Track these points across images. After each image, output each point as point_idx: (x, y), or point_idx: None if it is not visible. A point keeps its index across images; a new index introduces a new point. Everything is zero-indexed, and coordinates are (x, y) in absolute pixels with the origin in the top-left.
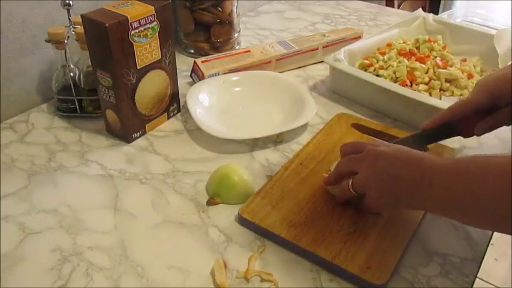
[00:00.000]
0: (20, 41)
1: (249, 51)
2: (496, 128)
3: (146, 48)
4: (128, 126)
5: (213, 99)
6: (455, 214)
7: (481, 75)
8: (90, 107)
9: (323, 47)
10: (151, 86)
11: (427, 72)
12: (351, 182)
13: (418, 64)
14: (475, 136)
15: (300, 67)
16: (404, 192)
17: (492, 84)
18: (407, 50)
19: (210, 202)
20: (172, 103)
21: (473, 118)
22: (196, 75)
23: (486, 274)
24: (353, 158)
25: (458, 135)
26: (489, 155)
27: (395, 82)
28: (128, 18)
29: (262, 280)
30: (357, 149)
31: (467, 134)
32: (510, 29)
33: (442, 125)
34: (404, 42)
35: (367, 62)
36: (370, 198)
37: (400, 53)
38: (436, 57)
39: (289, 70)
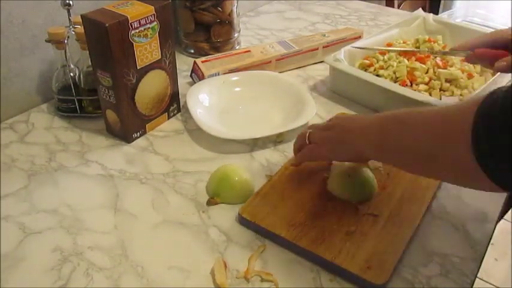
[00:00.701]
0: (20, 41)
1: (249, 51)
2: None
3: (146, 48)
4: (128, 126)
5: (213, 99)
6: (391, 159)
7: (481, 75)
8: (90, 107)
9: (323, 47)
10: (151, 86)
11: (427, 72)
12: (307, 134)
13: (418, 64)
14: None
15: (300, 67)
16: (349, 141)
17: None
18: None
19: (210, 202)
20: (172, 103)
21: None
22: (196, 75)
23: (486, 274)
24: (316, 125)
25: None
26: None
27: (395, 82)
28: (128, 18)
29: (262, 280)
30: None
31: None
32: (510, 28)
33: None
34: (404, 42)
35: (367, 62)
36: (321, 148)
37: (400, 53)
38: (436, 57)
39: (289, 70)
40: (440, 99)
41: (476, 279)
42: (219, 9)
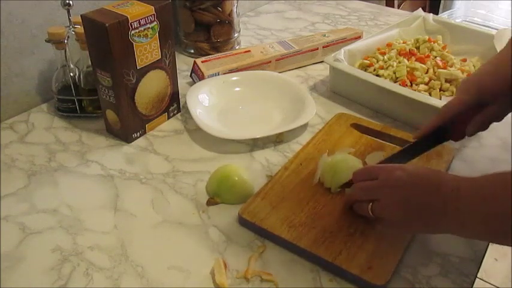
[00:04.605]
0: (20, 41)
1: (249, 51)
2: (486, 125)
3: (146, 48)
4: (128, 126)
5: (213, 99)
6: (485, 236)
7: None
8: (90, 107)
9: (323, 47)
10: (151, 86)
11: (427, 72)
12: (370, 207)
13: (418, 64)
14: (473, 136)
15: (300, 67)
16: (428, 220)
17: (477, 83)
18: (407, 50)
19: (210, 202)
20: (172, 103)
21: (461, 120)
22: (196, 75)
23: (486, 274)
24: (369, 187)
25: (449, 139)
26: (509, 171)
27: (395, 82)
28: (128, 18)
29: (262, 280)
30: (370, 175)
31: (457, 137)
32: (510, 29)
33: (434, 132)
34: (404, 42)
35: (367, 62)
36: (391, 224)
37: (400, 53)
38: (436, 57)
39: (289, 70)
40: (440, 99)
41: (476, 279)
42: (219, 9)
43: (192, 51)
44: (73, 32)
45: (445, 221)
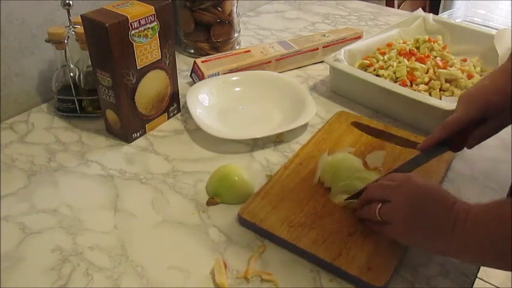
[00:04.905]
0: (20, 41)
1: (249, 51)
2: (485, 139)
3: (146, 48)
4: (128, 126)
5: (213, 99)
6: (486, 258)
7: (481, 75)
8: (90, 107)
9: (323, 47)
10: (151, 86)
11: (427, 72)
12: (378, 207)
13: (418, 64)
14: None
15: (300, 67)
16: (433, 234)
17: (482, 100)
18: (407, 50)
19: (210, 202)
20: (172, 103)
21: (461, 132)
22: (196, 75)
23: (486, 274)
24: (385, 185)
25: (448, 150)
26: None
27: (395, 82)
28: (127, 18)
29: (262, 280)
30: (390, 179)
31: (457, 149)
32: (510, 29)
33: (437, 144)
34: (404, 42)
35: (367, 62)
36: (395, 230)
37: (400, 53)
38: (436, 57)
39: (289, 70)
40: (440, 99)
41: (476, 279)
42: (219, 9)
43: (192, 51)
44: (73, 32)
45: (450, 238)
